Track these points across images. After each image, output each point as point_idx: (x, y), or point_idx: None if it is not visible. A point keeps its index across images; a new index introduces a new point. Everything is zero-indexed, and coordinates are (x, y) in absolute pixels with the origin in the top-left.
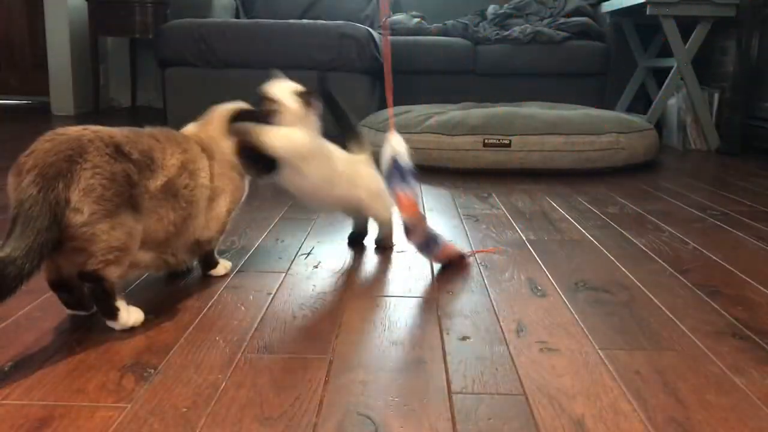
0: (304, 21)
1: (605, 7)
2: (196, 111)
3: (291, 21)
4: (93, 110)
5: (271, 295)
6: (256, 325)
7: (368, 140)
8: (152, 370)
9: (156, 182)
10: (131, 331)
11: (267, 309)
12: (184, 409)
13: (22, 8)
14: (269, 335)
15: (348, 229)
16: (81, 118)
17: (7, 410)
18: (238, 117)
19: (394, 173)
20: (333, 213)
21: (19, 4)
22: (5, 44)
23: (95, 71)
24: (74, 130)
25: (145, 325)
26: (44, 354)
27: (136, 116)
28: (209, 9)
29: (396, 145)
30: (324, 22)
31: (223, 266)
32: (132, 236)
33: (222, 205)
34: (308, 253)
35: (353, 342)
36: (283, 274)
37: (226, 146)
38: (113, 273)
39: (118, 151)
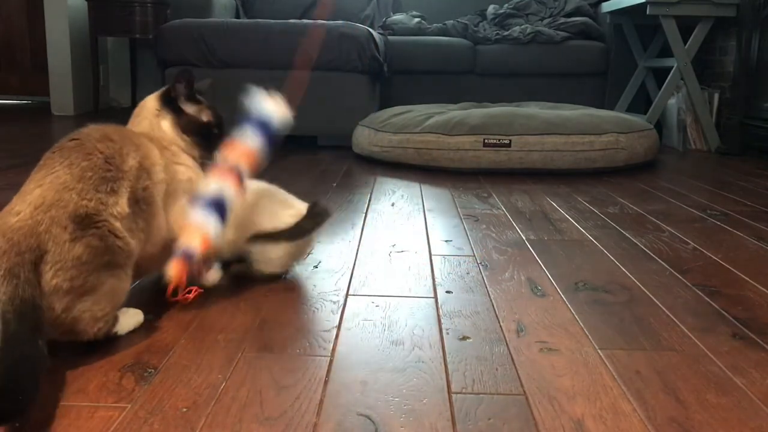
0: (304, 21)
1: (605, 7)
2: None
3: (291, 21)
4: (93, 110)
5: (271, 296)
6: (256, 325)
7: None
8: (152, 370)
9: (122, 201)
10: (132, 331)
11: (266, 309)
12: (184, 409)
13: (22, 8)
14: (269, 335)
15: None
16: (81, 118)
17: None
18: (164, 97)
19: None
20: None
21: (19, 4)
22: (5, 44)
23: (95, 71)
24: (28, 213)
25: (145, 325)
26: None
27: None
28: (209, 9)
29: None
30: (324, 22)
31: (213, 275)
32: (118, 292)
33: (181, 198)
34: (308, 254)
35: (353, 342)
36: (283, 275)
37: (168, 132)
38: (102, 330)
39: (78, 223)
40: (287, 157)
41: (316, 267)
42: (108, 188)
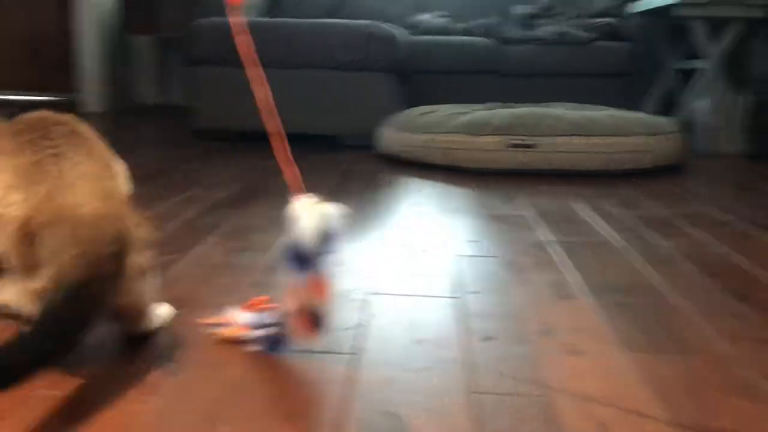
0: (329, 20)
1: (634, 8)
2: (222, 109)
3: (315, 20)
4: (121, 108)
5: None
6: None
7: None
8: (179, 365)
9: None
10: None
11: None
12: (210, 404)
13: (51, 5)
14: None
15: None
16: (109, 116)
17: (36, 400)
18: None
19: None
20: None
21: (49, 1)
22: (36, 41)
23: (124, 69)
24: (100, 204)
25: (173, 320)
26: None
27: (162, 114)
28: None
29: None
30: (349, 21)
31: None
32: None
33: None
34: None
35: (377, 340)
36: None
37: None
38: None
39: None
40: (309, 157)
41: (338, 266)
42: None
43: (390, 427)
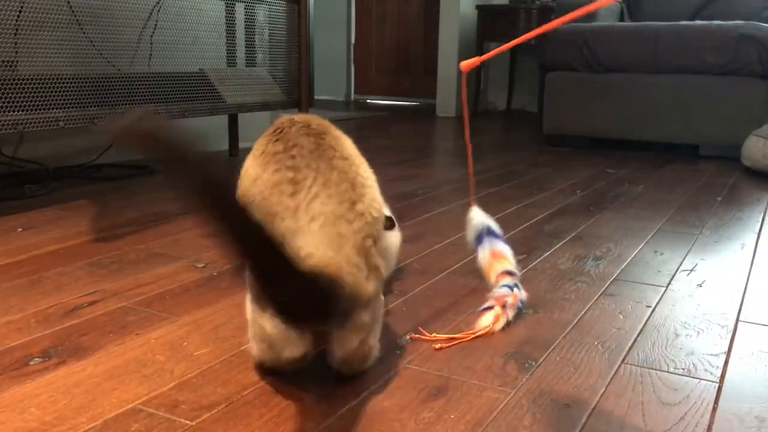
0: (696, 22)
1: None
2: (570, 115)
3: (680, 23)
4: (472, 113)
5: (651, 308)
6: (635, 336)
7: None
8: (533, 362)
9: None
10: (515, 323)
11: (647, 322)
12: (565, 405)
13: (419, 17)
14: (650, 349)
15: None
16: (460, 120)
17: (410, 373)
18: None
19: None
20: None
21: (417, 14)
22: (404, 53)
23: (477, 75)
24: (339, 265)
25: (525, 318)
26: (435, 331)
27: (512, 119)
28: (594, 13)
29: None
30: (719, 22)
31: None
32: None
33: None
34: (691, 270)
35: (746, 372)
36: (663, 289)
37: None
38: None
39: None
40: (665, 166)
41: (700, 285)
42: None
43: None
